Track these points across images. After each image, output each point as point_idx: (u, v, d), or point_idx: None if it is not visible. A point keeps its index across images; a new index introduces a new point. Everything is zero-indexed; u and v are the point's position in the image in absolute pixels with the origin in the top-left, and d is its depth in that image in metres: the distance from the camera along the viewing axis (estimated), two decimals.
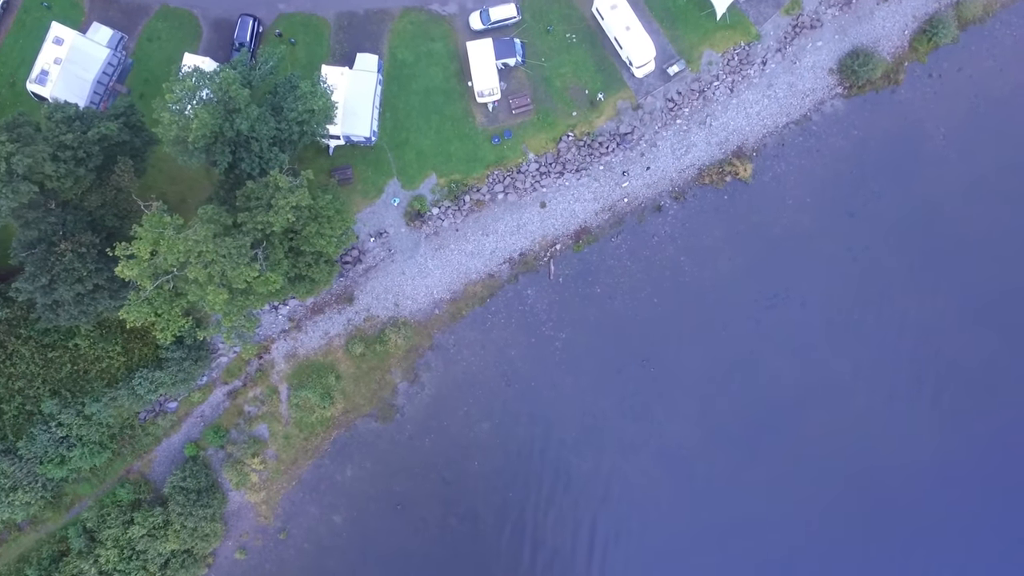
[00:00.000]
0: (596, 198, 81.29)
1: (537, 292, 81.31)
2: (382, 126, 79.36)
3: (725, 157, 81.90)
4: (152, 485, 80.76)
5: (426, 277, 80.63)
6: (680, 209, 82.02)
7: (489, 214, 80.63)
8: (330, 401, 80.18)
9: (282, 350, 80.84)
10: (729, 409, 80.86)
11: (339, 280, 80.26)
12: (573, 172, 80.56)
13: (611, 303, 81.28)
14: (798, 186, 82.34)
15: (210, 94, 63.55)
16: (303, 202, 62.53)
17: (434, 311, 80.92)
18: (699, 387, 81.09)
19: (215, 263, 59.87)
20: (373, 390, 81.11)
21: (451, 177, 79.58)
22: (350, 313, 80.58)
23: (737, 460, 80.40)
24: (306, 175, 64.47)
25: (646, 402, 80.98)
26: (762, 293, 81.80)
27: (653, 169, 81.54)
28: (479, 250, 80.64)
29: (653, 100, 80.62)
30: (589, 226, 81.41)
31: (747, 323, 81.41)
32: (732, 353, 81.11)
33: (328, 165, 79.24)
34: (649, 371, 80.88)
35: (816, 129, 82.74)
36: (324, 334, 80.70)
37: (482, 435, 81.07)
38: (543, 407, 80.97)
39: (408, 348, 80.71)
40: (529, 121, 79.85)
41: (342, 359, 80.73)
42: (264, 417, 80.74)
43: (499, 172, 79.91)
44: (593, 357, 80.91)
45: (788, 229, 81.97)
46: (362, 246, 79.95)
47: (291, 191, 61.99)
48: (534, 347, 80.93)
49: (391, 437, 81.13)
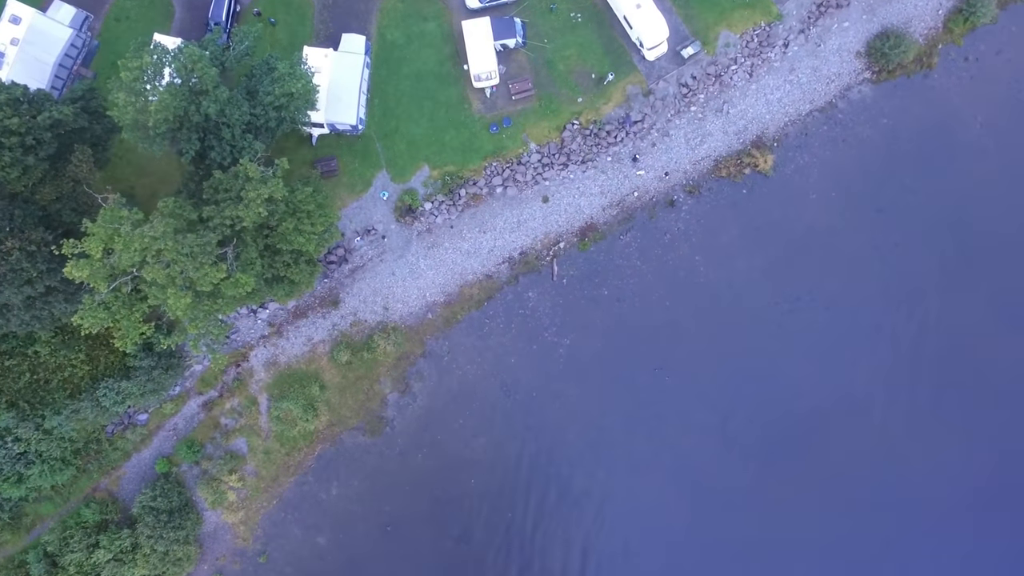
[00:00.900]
0: (603, 192, 73.99)
1: (539, 294, 74.10)
2: (370, 113, 72.15)
3: (743, 148, 74.66)
4: (120, 504, 73.53)
5: (418, 278, 73.40)
6: (694, 204, 74.73)
7: (487, 209, 73.37)
8: (314, 413, 73.01)
9: (261, 358, 73.62)
10: (748, 424, 73.56)
11: (323, 282, 73.05)
12: (578, 164, 73.30)
13: (619, 306, 74.03)
14: (822, 179, 75.03)
15: (174, 74, 56.29)
16: (277, 194, 55.27)
17: (427, 315, 73.69)
18: (714, 399, 73.77)
19: (176, 263, 52.55)
20: (360, 401, 73.90)
21: (445, 169, 72.36)
22: (335, 318, 73.36)
23: (758, 481, 72.99)
24: (281, 164, 57.23)
25: (658, 415, 73.67)
26: (783, 295, 74.52)
27: (665, 161, 74.25)
28: (476, 249, 73.41)
29: (665, 85, 73.30)
30: (596, 222, 74.14)
31: (767, 328, 74.11)
32: (751, 361, 73.79)
33: (311, 156, 72.02)
34: (661, 381, 73.55)
35: (842, 117, 75.41)
36: (307, 340, 73.49)
37: (479, 450, 73.81)
38: (545, 420, 73.76)
39: (398, 356, 73.50)
40: (530, 108, 72.57)
41: (327, 368, 73.53)
42: (242, 430, 73.57)
43: (497, 163, 72.69)
44: (600, 365, 73.65)
45: (811, 226, 74.67)
46: (348, 244, 72.72)
47: (263, 182, 54.72)
48: (536, 354, 73.69)
49: (380, 452, 73.91)
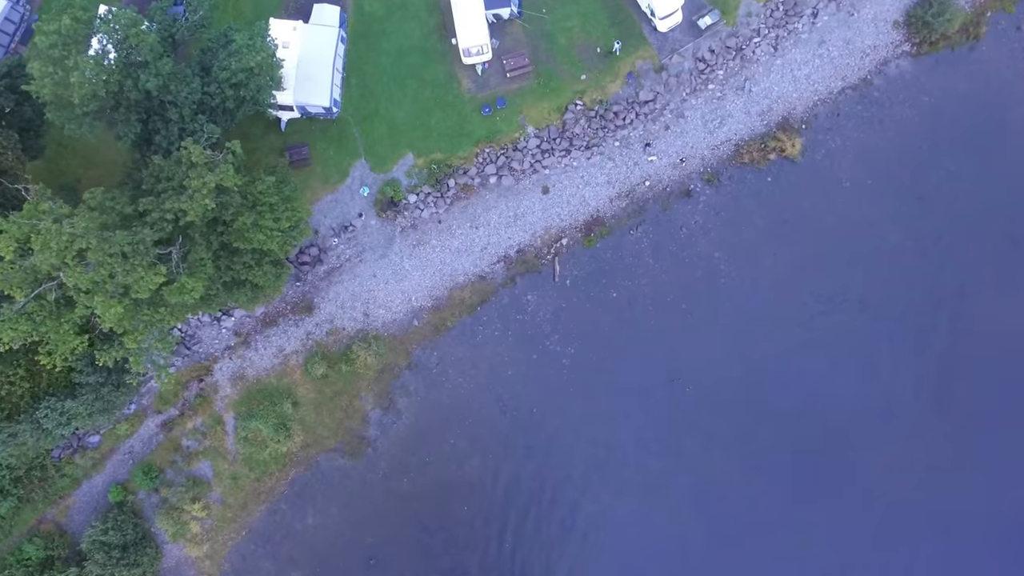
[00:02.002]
0: (611, 181, 64.79)
1: (539, 297, 64.92)
2: (346, 94, 63.00)
3: (768, 130, 65.41)
4: (69, 538, 64.27)
5: (402, 280, 64.24)
6: (713, 194, 65.52)
7: (479, 202, 64.21)
8: (286, 433, 63.88)
9: (227, 371, 64.49)
10: (777, 442, 64.17)
11: (294, 285, 63.91)
12: (582, 149, 64.12)
13: (630, 310, 64.80)
14: (856, 165, 65.73)
15: (105, 41, 47.20)
16: (228, 182, 46.21)
17: (412, 322, 64.52)
18: (737, 412, 64.45)
19: (102, 265, 43.43)
20: (338, 419, 64.73)
21: (431, 157, 63.20)
22: (309, 325, 64.22)
23: (789, 508, 63.78)
24: (232, 147, 48.15)
25: (673, 432, 64.45)
26: (813, 296, 65.30)
27: (681, 145, 65.06)
28: (467, 246, 64.23)
29: (680, 60, 64.10)
30: (602, 216, 64.94)
31: (796, 332, 64.85)
32: (778, 370, 64.55)
33: (280, 143, 62.87)
34: (678, 394, 64.38)
35: (878, 95, 66.11)
36: (278, 351, 64.36)
37: (472, 474, 64.58)
38: (546, 439, 64.54)
39: (381, 368, 64.34)
40: (527, 87, 63.36)
41: (300, 382, 64.39)
42: (206, 453, 64.46)
43: (491, 150, 63.56)
44: (608, 377, 64.43)
45: (844, 217, 65.39)
46: (323, 243, 63.60)
47: (210, 168, 45.61)
48: (536, 365, 64.49)
49: (361, 476, 64.73)
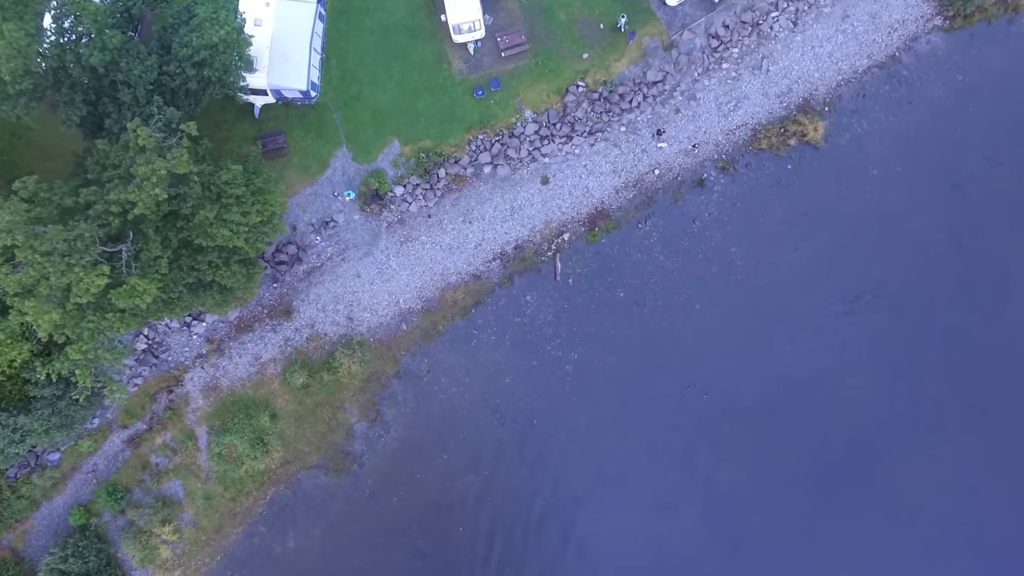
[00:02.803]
0: (616, 170, 58.67)
1: (539, 298, 58.85)
2: (325, 77, 56.99)
3: (788, 113, 59.29)
4: (27, 565, 58.22)
5: (389, 281, 58.17)
6: (729, 183, 59.39)
7: (472, 194, 58.15)
8: (263, 449, 57.83)
9: (199, 381, 58.43)
10: (799, 453, 58.06)
11: (271, 287, 57.88)
12: (585, 135, 58.02)
13: (638, 311, 58.71)
14: (885, 151, 59.55)
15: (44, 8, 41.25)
16: (181, 169, 40.10)
17: (400, 326, 58.46)
18: (756, 422, 58.30)
19: (33, 265, 37.42)
20: (321, 433, 58.67)
21: (420, 144, 57.15)
22: (288, 331, 58.17)
23: (811, 525, 57.65)
24: (187, 129, 42.11)
25: (687, 444, 58.28)
26: (839, 294, 59.14)
27: (693, 130, 58.93)
28: (460, 243, 58.17)
29: (691, 37, 57.99)
30: (607, 208, 58.83)
31: (821, 335, 58.74)
32: (802, 374, 58.33)
33: (253, 131, 56.78)
34: (691, 401, 58.28)
35: (908, 75, 59.95)
36: (254, 360, 58.30)
37: (468, 491, 58.48)
38: (549, 452, 58.37)
39: (366, 376, 58.27)
40: (525, 67, 57.30)
41: (279, 393, 58.35)
42: (177, 471, 58.40)
43: (485, 136, 57.48)
44: (616, 385, 58.30)
45: (872, 208, 59.18)
46: (301, 240, 57.54)
47: (159, 153, 39.57)
48: (536, 372, 58.40)
49: (346, 495, 58.63)
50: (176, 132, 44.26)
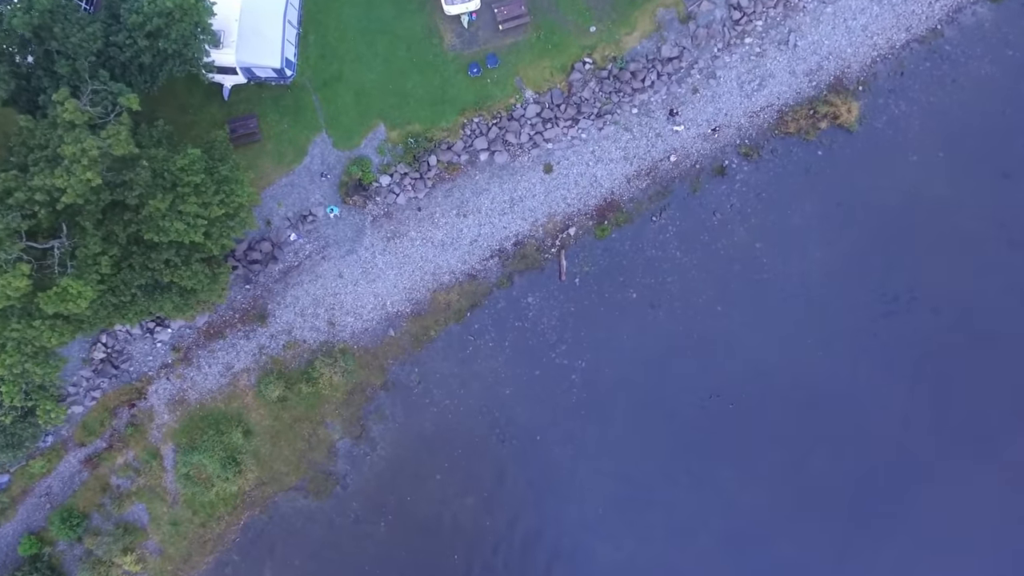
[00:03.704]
0: (628, 157, 52.29)
1: (542, 300, 52.48)
2: (302, 54, 50.66)
3: (817, 93, 52.93)
4: None
5: (374, 281, 51.84)
6: (753, 172, 53.02)
7: (467, 184, 51.78)
8: (236, 469, 51.49)
9: (164, 394, 52.09)
10: (833, 471, 51.67)
11: (244, 289, 51.58)
12: (592, 118, 51.63)
13: (653, 314, 52.35)
14: (925, 135, 53.09)
15: None
16: (119, 150, 33.81)
17: (387, 332, 52.12)
18: (788, 439, 51.97)
19: None
20: (300, 451, 52.32)
21: (408, 129, 50.81)
22: (262, 337, 51.84)
23: (845, 552, 51.28)
24: (127, 102, 35.81)
25: (708, 464, 51.86)
26: (876, 294, 52.76)
27: (712, 112, 52.54)
28: (453, 239, 51.81)
29: (711, 8, 51.55)
30: (618, 199, 52.44)
31: (856, 339, 52.31)
32: (836, 383, 52.03)
33: (223, 115, 50.44)
34: (712, 414, 51.92)
35: (951, 50, 53.52)
36: (225, 370, 51.97)
37: (463, 516, 52.12)
38: (554, 472, 52.04)
39: (350, 388, 51.92)
40: (525, 42, 50.92)
41: (253, 406, 52.03)
42: (141, 494, 52.09)
43: (481, 119, 51.13)
44: (627, 396, 51.96)
45: (912, 198, 52.75)
46: (276, 236, 51.21)
47: (91, 130, 33.27)
48: (539, 383, 52.04)
49: (329, 520, 52.32)
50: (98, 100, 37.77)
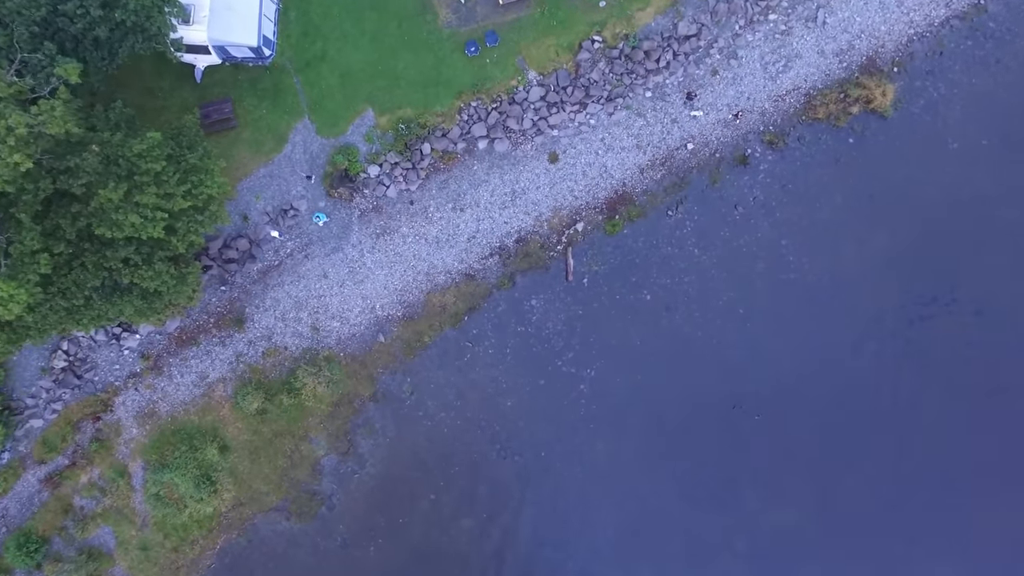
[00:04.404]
0: (641, 145, 47.39)
1: (546, 302, 47.62)
2: (283, 32, 45.70)
3: (849, 75, 47.97)
4: None
5: (362, 282, 46.95)
6: (778, 161, 48.13)
7: (464, 175, 46.87)
8: (211, 488, 46.57)
9: (132, 406, 47.20)
10: (868, 489, 46.95)
11: (219, 290, 46.70)
12: (602, 102, 46.73)
13: (668, 317, 47.47)
14: (966, 120, 48.03)
15: None
16: (54, 129, 28.92)
17: (377, 338, 47.21)
18: (816, 454, 47.17)
19: None
20: (281, 469, 47.44)
21: (399, 114, 45.90)
22: (240, 344, 46.94)
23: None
24: (64, 73, 31.03)
25: (730, 481, 47.06)
26: (912, 295, 47.85)
27: (734, 96, 47.67)
28: (449, 235, 46.92)
29: None
30: (630, 191, 47.56)
31: (890, 344, 47.45)
32: (868, 392, 47.22)
33: (195, 98, 45.51)
34: (737, 428, 47.11)
35: (995, 26, 48.43)
36: (199, 379, 47.06)
37: (461, 539, 47.21)
38: (560, 492, 47.15)
39: (336, 399, 47.02)
40: (528, 17, 45.95)
41: (230, 419, 47.15)
42: (107, 516, 47.20)
43: (479, 104, 46.22)
44: (641, 407, 47.09)
45: (951, 191, 47.82)
46: (255, 232, 46.31)
47: (21, 105, 28.44)
48: (544, 394, 47.19)
49: (312, 544, 47.42)
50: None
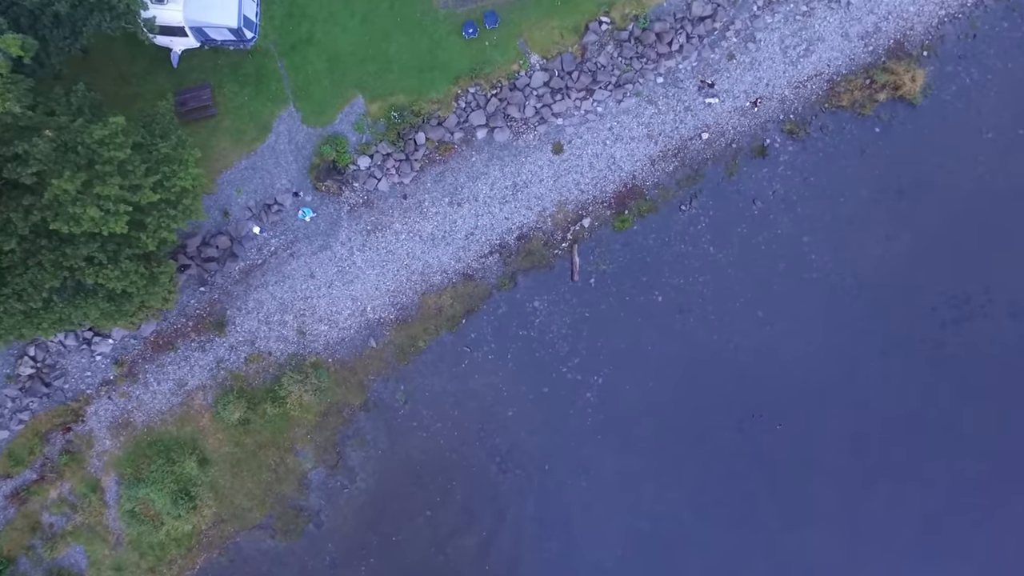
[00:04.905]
0: (652, 134, 43.89)
1: (551, 304, 44.14)
2: (266, 13, 42.18)
3: (875, 60, 44.45)
4: None
5: (352, 283, 43.48)
6: (799, 152, 44.61)
7: (462, 167, 43.40)
8: (190, 504, 43.10)
9: (105, 416, 43.75)
10: (896, 502, 43.56)
11: (197, 292, 43.24)
12: (610, 88, 43.23)
13: (682, 321, 43.97)
14: (1003, 108, 44.42)
15: None
16: None
17: (368, 342, 43.75)
18: (841, 466, 43.74)
19: None
20: (265, 483, 43.97)
21: (391, 101, 42.40)
22: (221, 349, 43.47)
23: None
24: (5, 45, 27.66)
25: (748, 495, 43.62)
26: (944, 296, 44.37)
27: (752, 82, 44.18)
28: (445, 232, 43.44)
29: None
30: (641, 184, 44.05)
31: (921, 348, 44.04)
32: (898, 401, 43.76)
33: (171, 84, 42.07)
34: (756, 439, 43.66)
35: None
36: (177, 387, 43.61)
37: (459, 559, 43.68)
38: (565, 508, 43.68)
39: (324, 409, 43.57)
40: None
41: (210, 430, 43.69)
42: (78, 534, 43.73)
43: (478, 90, 42.72)
44: (652, 418, 43.57)
45: (985, 184, 44.24)
46: (236, 229, 42.84)
47: None
48: (547, 402, 43.69)
49: (300, 565, 43.94)
50: None
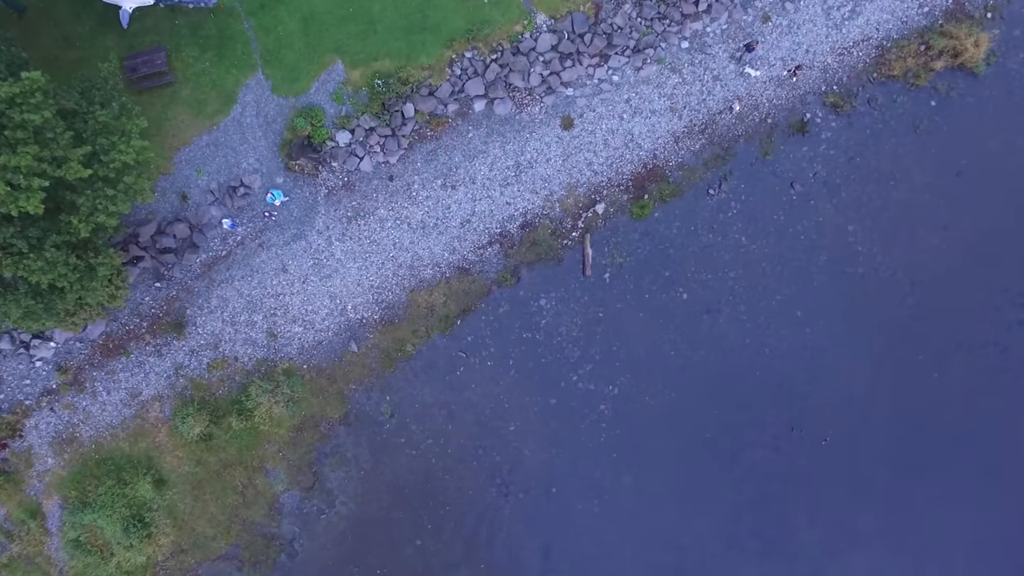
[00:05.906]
0: (675, 107, 38.08)
1: (558, 302, 38.37)
2: None
3: (931, 22, 38.77)
4: None
5: (330, 277, 37.66)
6: (844, 129, 38.85)
7: (456, 144, 37.59)
8: (145, 532, 37.31)
9: (47, 431, 37.90)
10: (958, 526, 37.96)
11: (152, 287, 37.41)
12: (628, 54, 37.41)
13: (710, 321, 38.24)
14: None
15: None
16: None
17: (348, 346, 37.94)
18: (892, 485, 38.20)
19: None
20: (231, 508, 38.18)
21: (375, 67, 36.54)
22: (180, 354, 37.63)
23: None
24: None
25: (782, 520, 37.94)
26: (1009, 294, 38.90)
27: (789, 48, 38.41)
28: (438, 219, 37.63)
29: None
30: (662, 165, 38.28)
31: (983, 353, 38.47)
32: (957, 411, 38.25)
33: (122, 48, 36.22)
34: (793, 457, 37.99)
35: None
36: (130, 397, 37.76)
37: None
38: (575, 537, 38.04)
39: (298, 423, 37.79)
40: None
41: (167, 446, 37.87)
42: (14, 567, 37.91)
43: (475, 55, 36.88)
44: (674, 433, 37.89)
45: None
46: (197, 216, 37.00)
47: None
48: (555, 416, 37.95)
49: None
50: None
